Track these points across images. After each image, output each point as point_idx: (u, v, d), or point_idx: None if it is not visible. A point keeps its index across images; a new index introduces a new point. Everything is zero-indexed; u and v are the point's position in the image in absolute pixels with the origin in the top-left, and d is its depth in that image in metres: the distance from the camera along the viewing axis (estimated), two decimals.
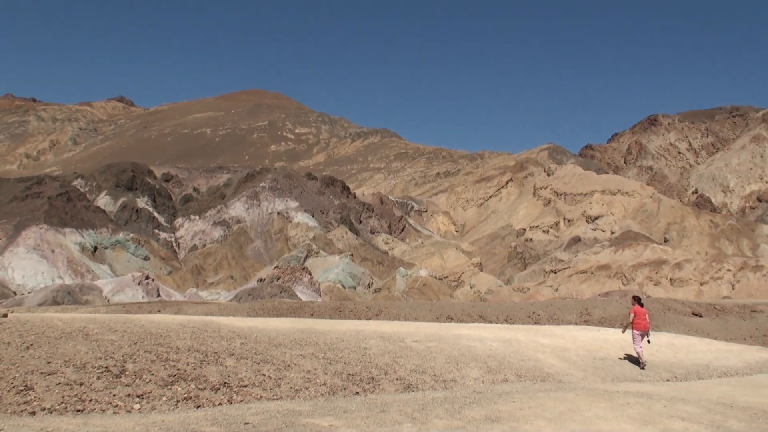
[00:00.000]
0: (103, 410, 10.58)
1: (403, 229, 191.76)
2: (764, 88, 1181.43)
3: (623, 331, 20.43)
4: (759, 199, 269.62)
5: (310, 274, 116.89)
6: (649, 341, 20.27)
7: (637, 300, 20.18)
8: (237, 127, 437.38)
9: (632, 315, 19.56)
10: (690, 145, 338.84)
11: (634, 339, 19.63)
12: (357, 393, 13.58)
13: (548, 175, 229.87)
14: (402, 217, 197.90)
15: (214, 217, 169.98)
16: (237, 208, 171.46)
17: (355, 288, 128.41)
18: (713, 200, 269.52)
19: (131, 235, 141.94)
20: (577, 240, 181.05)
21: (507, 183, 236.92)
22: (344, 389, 13.77)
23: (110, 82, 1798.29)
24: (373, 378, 14.72)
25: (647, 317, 19.80)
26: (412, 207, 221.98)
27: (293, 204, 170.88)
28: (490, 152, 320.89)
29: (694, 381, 16.94)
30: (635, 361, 19.92)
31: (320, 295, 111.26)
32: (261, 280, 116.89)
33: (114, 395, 11.17)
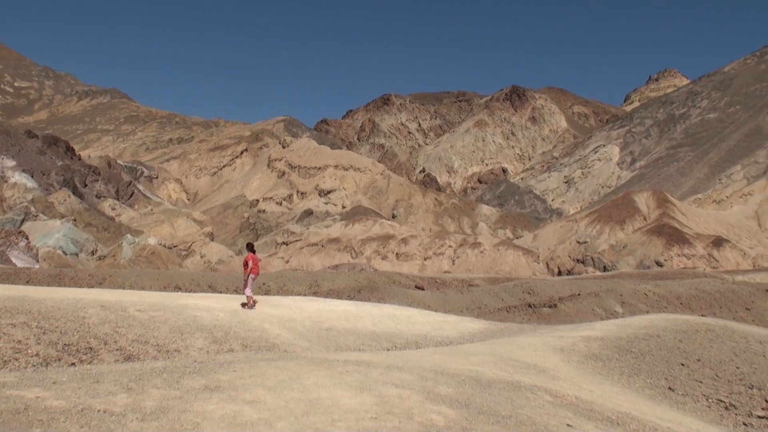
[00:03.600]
0: None
1: (132, 194, 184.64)
2: (488, 76, 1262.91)
3: (246, 278, 20.77)
4: (479, 181, 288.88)
5: (27, 238, 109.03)
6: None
7: (251, 248, 20.85)
8: None
9: (251, 262, 20.21)
10: (419, 125, 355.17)
11: (248, 285, 20.24)
12: (73, 364, 12.89)
13: (283, 147, 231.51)
14: (131, 182, 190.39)
15: None
16: None
17: (77, 255, 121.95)
18: (439, 179, 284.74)
19: None
20: (309, 213, 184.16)
21: (242, 153, 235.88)
22: (59, 360, 13.02)
23: None
24: (91, 348, 14.04)
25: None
26: (142, 173, 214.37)
27: (10, 163, 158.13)
28: (226, 121, 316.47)
29: (412, 350, 17.71)
30: (245, 305, 20.46)
31: (38, 261, 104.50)
32: None
33: None
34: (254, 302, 20.71)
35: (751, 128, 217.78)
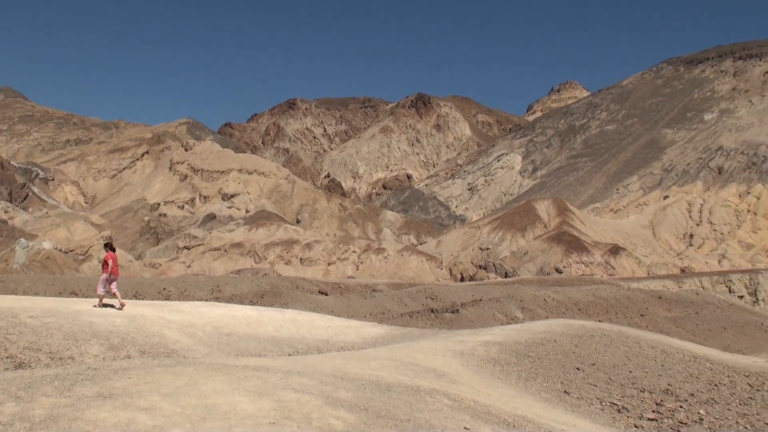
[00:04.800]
0: None
1: (26, 197, 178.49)
2: (394, 83, 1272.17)
3: (105, 277, 20.43)
4: (384, 186, 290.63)
5: None
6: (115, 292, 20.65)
7: (110, 247, 20.61)
8: None
9: (111, 262, 19.94)
10: (325, 130, 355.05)
11: (105, 283, 19.91)
12: None
13: (186, 150, 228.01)
14: (25, 184, 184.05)
15: None
16: None
17: None
18: (344, 185, 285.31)
19: None
20: (212, 217, 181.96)
21: (143, 155, 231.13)
22: None
23: None
24: None
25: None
26: (38, 174, 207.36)
27: None
28: (126, 122, 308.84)
29: (313, 355, 17.67)
30: (102, 305, 20.13)
31: None
32: None
33: None
34: (100, 305, 20.00)
35: (647, 141, 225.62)
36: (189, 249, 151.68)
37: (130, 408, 8.73)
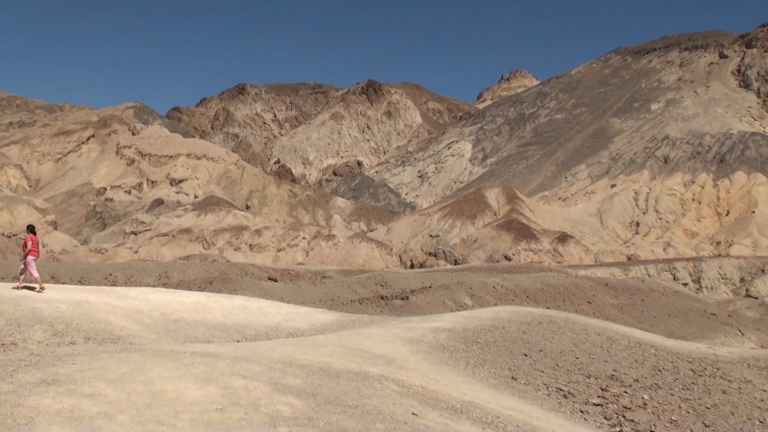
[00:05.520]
0: None
1: None
2: (345, 69, 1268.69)
3: (22, 260, 20.41)
4: (335, 173, 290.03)
5: None
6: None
7: (31, 229, 20.57)
8: None
9: (30, 243, 19.89)
10: (275, 116, 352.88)
11: (30, 265, 19.84)
12: None
13: (133, 134, 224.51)
14: None
15: None
16: None
17: None
18: (294, 171, 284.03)
19: None
20: (160, 202, 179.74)
21: (88, 139, 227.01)
22: None
23: None
24: None
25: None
26: None
27: None
28: (72, 105, 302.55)
29: (261, 342, 17.57)
30: (31, 288, 20.05)
31: None
32: None
33: None
34: (42, 288, 19.91)
35: (595, 130, 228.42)
36: (136, 234, 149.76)
37: (75, 394, 8.59)
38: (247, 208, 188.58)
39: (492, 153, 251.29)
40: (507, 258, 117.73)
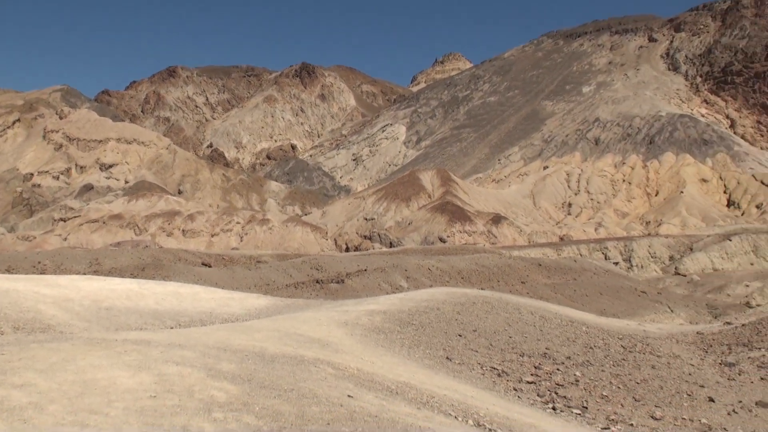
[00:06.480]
0: None
1: None
2: (277, 52, 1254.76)
3: None
4: (268, 157, 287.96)
5: None
6: None
7: None
8: None
9: None
10: (207, 99, 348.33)
11: None
12: None
13: (60, 118, 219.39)
14: None
15: None
16: None
17: None
18: (227, 155, 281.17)
19: None
20: (89, 188, 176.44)
21: (14, 123, 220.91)
22: None
23: None
24: None
25: None
26: None
27: None
28: None
29: (195, 328, 17.47)
30: None
31: None
32: None
33: None
34: None
35: (528, 112, 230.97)
36: (65, 221, 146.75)
37: (4, 385, 8.46)
38: (180, 193, 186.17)
39: (426, 136, 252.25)
40: (442, 240, 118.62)
